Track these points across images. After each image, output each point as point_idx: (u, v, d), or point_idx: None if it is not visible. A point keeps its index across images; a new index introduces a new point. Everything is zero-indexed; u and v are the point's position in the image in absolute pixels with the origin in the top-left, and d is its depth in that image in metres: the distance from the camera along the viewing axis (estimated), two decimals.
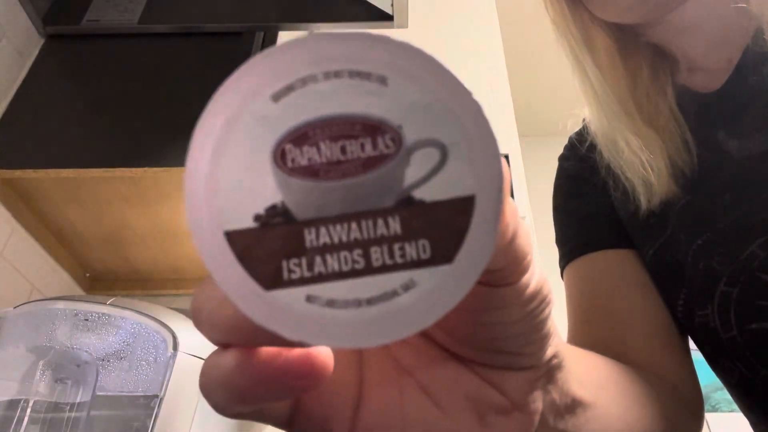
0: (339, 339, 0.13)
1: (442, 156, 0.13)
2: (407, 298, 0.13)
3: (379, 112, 0.13)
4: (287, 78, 0.13)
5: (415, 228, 0.13)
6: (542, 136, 2.65)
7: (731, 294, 0.41)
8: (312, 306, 0.13)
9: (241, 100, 0.13)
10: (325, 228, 0.13)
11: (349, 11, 0.98)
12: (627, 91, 0.49)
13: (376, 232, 0.13)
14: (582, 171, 0.56)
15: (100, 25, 0.99)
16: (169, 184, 0.86)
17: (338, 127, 0.13)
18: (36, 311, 0.71)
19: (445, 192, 0.13)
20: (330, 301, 0.13)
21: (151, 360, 0.68)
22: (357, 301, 0.13)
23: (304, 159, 0.13)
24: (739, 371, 0.42)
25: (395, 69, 0.13)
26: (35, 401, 0.68)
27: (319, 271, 0.13)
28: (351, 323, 0.13)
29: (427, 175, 0.13)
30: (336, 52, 0.13)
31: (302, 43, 0.13)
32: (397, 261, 0.13)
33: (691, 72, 0.50)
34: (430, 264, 0.13)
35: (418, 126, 0.13)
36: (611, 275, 0.50)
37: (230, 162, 0.13)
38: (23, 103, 0.91)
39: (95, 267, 1.07)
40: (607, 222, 0.52)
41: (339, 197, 0.13)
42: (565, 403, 0.23)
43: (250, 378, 0.14)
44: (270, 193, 0.13)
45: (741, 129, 0.44)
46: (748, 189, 0.42)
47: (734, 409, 0.44)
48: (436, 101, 0.13)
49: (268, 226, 0.13)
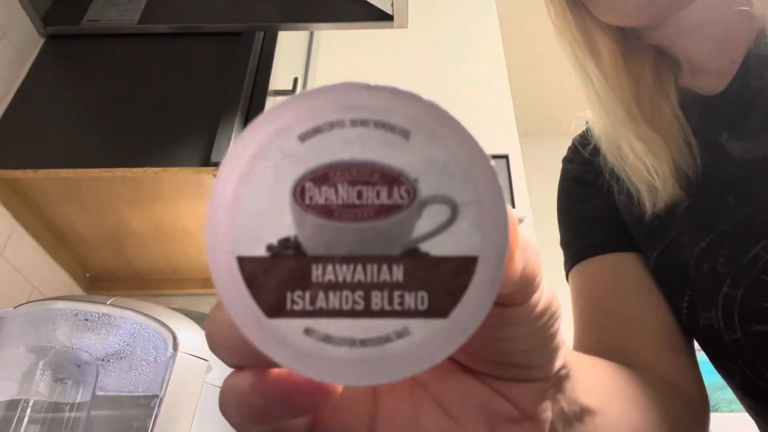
0: (329, 374, 0.13)
1: (452, 213, 0.14)
2: (400, 345, 0.14)
3: (398, 163, 0.14)
4: (316, 120, 0.14)
5: (416, 279, 0.14)
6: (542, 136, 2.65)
7: (735, 296, 0.41)
8: (308, 339, 0.14)
9: (272, 135, 0.14)
10: (332, 266, 0.14)
11: (349, 11, 0.98)
12: (630, 94, 0.49)
13: (379, 277, 0.14)
14: (586, 174, 0.56)
15: (100, 25, 0.99)
16: (169, 184, 0.86)
17: (358, 172, 0.14)
18: (36, 311, 0.71)
19: (451, 249, 0.14)
20: (326, 337, 0.14)
21: (151, 360, 0.68)
22: (351, 340, 0.13)
23: (321, 198, 0.14)
24: (742, 373, 0.42)
25: (419, 125, 0.14)
26: (35, 401, 0.68)
27: (320, 307, 0.14)
28: (342, 361, 0.13)
29: (435, 230, 0.14)
30: (365, 102, 0.14)
31: (336, 89, 0.14)
32: (395, 308, 0.14)
33: (694, 74, 0.50)
34: (426, 316, 0.14)
35: (433, 182, 0.14)
36: (616, 278, 0.50)
37: (252, 191, 0.14)
38: (23, 103, 0.91)
39: (95, 267, 1.08)
40: (611, 225, 0.52)
41: (349, 239, 0.14)
42: (574, 411, 0.23)
43: (262, 398, 0.15)
44: (285, 225, 0.14)
45: (744, 131, 0.44)
46: (751, 191, 0.42)
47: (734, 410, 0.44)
48: (453, 161, 0.14)
49: (278, 257, 0.14)
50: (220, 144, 0.82)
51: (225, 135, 0.83)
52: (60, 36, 1.00)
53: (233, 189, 0.14)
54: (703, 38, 0.48)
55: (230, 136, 0.83)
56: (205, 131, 0.85)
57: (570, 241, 0.55)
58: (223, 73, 0.92)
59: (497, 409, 0.20)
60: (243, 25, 0.99)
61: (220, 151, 0.82)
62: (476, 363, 0.20)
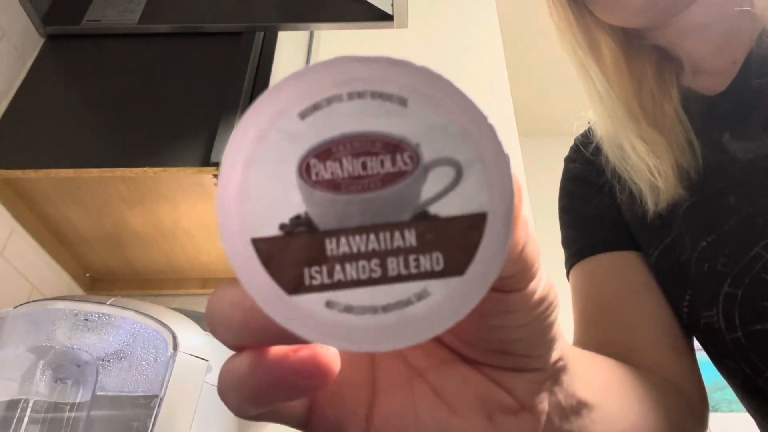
0: (355, 343, 0.14)
1: (457, 174, 0.14)
2: (420, 307, 0.14)
3: (398, 131, 0.14)
4: (313, 97, 0.14)
5: (429, 241, 0.14)
6: (542, 136, 2.65)
7: (736, 295, 0.41)
8: (331, 311, 0.14)
9: (271, 117, 0.14)
10: (345, 238, 0.14)
11: (349, 11, 0.98)
12: (632, 94, 0.50)
13: (392, 244, 0.14)
14: (587, 173, 0.56)
15: (100, 25, 0.99)
16: (169, 184, 0.86)
17: (360, 144, 0.14)
18: (36, 311, 0.71)
19: (459, 208, 0.14)
20: (348, 307, 0.14)
21: (151, 360, 0.68)
22: (373, 308, 0.14)
23: (327, 173, 0.14)
24: (743, 372, 0.42)
25: (415, 91, 0.14)
26: (35, 401, 0.68)
27: (339, 279, 0.14)
28: (367, 329, 0.14)
29: (442, 191, 0.14)
30: (360, 74, 0.14)
31: (329, 65, 0.14)
32: (412, 271, 0.14)
33: (696, 74, 0.50)
34: (443, 275, 0.14)
35: (435, 145, 0.14)
36: (617, 277, 0.50)
37: (259, 174, 0.14)
38: (23, 103, 0.90)
39: (95, 267, 1.07)
40: (613, 224, 0.53)
41: (359, 210, 0.14)
42: (571, 405, 0.24)
43: (260, 379, 0.15)
44: (295, 203, 0.14)
45: (746, 131, 0.44)
46: (753, 191, 0.42)
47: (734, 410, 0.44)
48: (452, 123, 0.14)
49: (292, 235, 0.14)
50: (220, 144, 0.82)
51: (225, 135, 0.83)
52: (60, 36, 1.00)
53: (240, 175, 0.14)
54: (705, 38, 0.48)
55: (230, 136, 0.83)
56: (205, 131, 0.85)
57: (571, 239, 0.55)
58: (223, 73, 0.92)
59: (495, 399, 0.20)
60: (243, 25, 0.98)
61: (220, 151, 0.82)
62: (474, 352, 0.20)
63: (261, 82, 0.94)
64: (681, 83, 0.51)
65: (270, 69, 0.96)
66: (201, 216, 0.94)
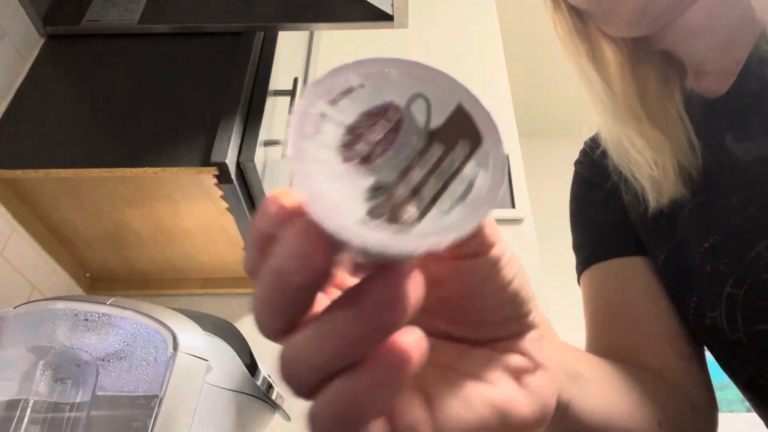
0: (452, 231, 0.17)
1: (427, 102, 0.18)
2: (479, 186, 0.17)
3: (385, 100, 0.18)
4: (342, 87, 0.18)
5: (447, 140, 0.18)
6: (542, 137, 2.65)
7: (738, 295, 0.41)
8: (433, 225, 0.17)
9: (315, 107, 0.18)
10: (399, 188, 0.17)
11: (349, 11, 0.98)
12: (635, 98, 0.50)
13: (430, 161, 0.18)
14: (594, 176, 0.57)
15: (100, 25, 0.99)
16: (169, 184, 0.86)
17: (369, 118, 0.18)
18: (36, 311, 0.71)
19: (444, 114, 0.18)
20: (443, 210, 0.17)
21: (151, 360, 0.68)
22: (441, 210, 0.17)
23: (364, 148, 0.18)
24: (747, 372, 0.43)
25: (371, 76, 0.18)
26: (35, 401, 0.68)
27: (426, 204, 0.17)
28: (456, 221, 0.17)
29: (426, 113, 0.18)
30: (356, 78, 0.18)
31: (360, 64, 0.18)
32: (455, 165, 0.18)
33: (698, 76, 0.51)
34: (474, 150, 0.18)
35: (404, 93, 0.18)
36: (624, 283, 0.51)
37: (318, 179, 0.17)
38: (23, 103, 0.90)
39: (95, 267, 1.08)
40: (620, 229, 0.53)
41: (393, 164, 0.18)
42: (570, 368, 0.28)
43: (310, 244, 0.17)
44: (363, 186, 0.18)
45: (747, 132, 0.45)
46: (754, 192, 0.42)
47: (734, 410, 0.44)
48: (402, 72, 0.18)
49: (380, 202, 0.17)
50: (220, 144, 0.82)
51: (225, 135, 0.83)
52: (60, 36, 1.00)
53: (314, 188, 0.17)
54: (706, 40, 0.48)
55: (230, 136, 0.83)
56: (205, 131, 0.85)
57: (580, 244, 0.57)
58: (223, 73, 0.92)
59: (513, 364, 0.23)
60: (243, 25, 0.99)
61: (220, 151, 0.82)
62: (472, 331, 0.24)
63: (261, 82, 0.94)
64: (684, 85, 0.51)
65: (270, 69, 0.96)
66: (201, 216, 0.94)
